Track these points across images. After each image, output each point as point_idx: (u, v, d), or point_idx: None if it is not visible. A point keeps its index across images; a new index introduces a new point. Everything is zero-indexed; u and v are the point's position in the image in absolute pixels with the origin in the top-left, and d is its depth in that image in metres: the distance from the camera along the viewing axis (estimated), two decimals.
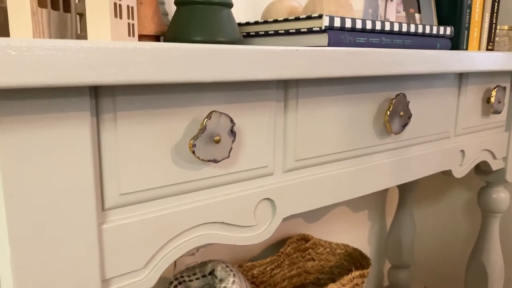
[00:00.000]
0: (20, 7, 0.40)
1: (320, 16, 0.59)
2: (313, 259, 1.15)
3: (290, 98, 0.56)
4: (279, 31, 0.66)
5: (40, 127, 0.36)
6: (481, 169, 1.01)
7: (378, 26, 0.65)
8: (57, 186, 0.38)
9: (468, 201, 1.35)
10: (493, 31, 1.04)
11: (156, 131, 0.44)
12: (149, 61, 0.37)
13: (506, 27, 1.07)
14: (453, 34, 0.79)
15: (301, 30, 0.62)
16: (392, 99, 0.66)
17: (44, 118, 0.36)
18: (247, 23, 0.71)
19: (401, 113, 0.68)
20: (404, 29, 0.69)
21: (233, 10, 0.90)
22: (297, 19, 0.62)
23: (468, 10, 1.00)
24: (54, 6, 0.46)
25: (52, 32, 0.45)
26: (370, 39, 0.64)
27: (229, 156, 0.48)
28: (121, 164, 0.43)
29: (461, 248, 1.38)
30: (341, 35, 0.61)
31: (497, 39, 1.08)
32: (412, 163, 0.76)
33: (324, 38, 0.60)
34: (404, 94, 0.67)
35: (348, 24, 0.61)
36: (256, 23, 0.70)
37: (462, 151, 0.87)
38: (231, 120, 0.47)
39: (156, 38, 0.62)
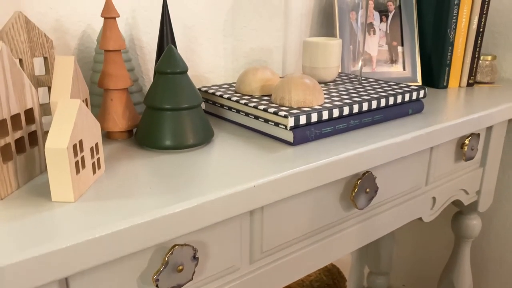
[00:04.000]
0: None
1: (286, 116, 0.60)
2: None
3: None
4: (250, 115, 0.67)
5: None
6: (454, 202, 1.04)
7: (345, 111, 0.66)
8: None
9: (446, 212, 1.40)
10: (475, 65, 1.04)
11: (121, 268, 0.48)
12: (104, 248, 0.40)
13: (489, 58, 1.07)
14: (426, 95, 0.80)
15: (269, 122, 0.64)
16: (358, 179, 0.68)
17: None
18: (221, 96, 0.72)
19: (367, 190, 0.70)
20: (374, 106, 0.71)
21: (212, 65, 0.90)
22: (265, 110, 0.64)
23: (450, 47, 1.00)
24: (20, 149, 0.47)
25: (20, 178, 0.47)
26: (336, 126, 0.66)
27: (192, 279, 0.52)
28: None
29: (439, 253, 1.44)
30: (307, 130, 0.62)
31: (479, 69, 1.07)
32: (380, 221, 0.79)
33: (289, 135, 0.61)
34: (371, 172, 0.70)
35: (314, 118, 0.63)
36: (229, 99, 0.71)
37: (434, 198, 0.90)
38: (193, 248, 0.51)
39: (128, 132, 0.63)
